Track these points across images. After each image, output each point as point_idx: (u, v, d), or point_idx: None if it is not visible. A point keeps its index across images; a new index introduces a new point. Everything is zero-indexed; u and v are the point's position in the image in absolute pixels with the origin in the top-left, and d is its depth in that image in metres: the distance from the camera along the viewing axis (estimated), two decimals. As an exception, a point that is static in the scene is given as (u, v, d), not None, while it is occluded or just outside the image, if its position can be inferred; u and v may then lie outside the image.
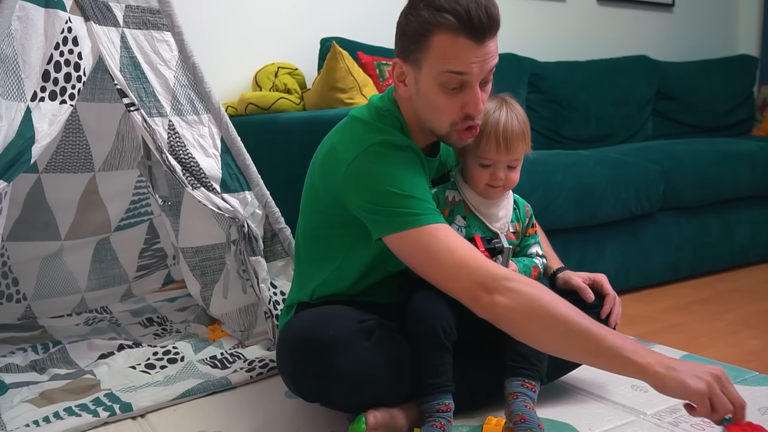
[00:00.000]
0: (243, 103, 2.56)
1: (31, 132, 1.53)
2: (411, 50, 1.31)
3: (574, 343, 1.21)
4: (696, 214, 2.73)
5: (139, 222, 2.48)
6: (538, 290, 1.23)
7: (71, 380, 1.70)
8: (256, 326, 1.95)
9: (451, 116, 1.34)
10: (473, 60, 1.28)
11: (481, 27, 1.25)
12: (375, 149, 1.34)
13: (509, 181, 1.46)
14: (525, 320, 1.23)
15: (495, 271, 1.25)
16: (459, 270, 1.26)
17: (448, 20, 1.24)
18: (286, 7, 2.87)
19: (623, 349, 1.17)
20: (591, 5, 3.77)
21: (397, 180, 1.31)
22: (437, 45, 1.27)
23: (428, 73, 1.31)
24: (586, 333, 1.19)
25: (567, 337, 1.21)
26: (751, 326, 2.11)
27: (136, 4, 1.77)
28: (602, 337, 1.18)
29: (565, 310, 1.21)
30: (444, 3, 1.25)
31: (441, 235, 1.28)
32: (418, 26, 1.28)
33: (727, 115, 3.81)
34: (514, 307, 1.22)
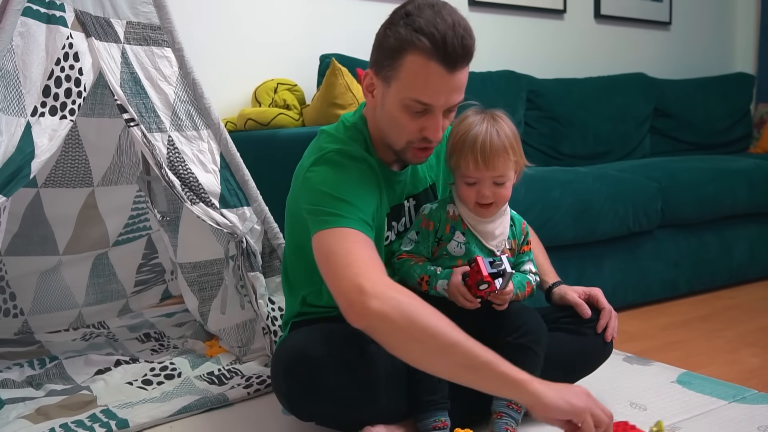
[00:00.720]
0: (242, 118, 2.57)
1: (31, 147, 1.54)
2: (384, 65, 1.33)
3: (450, 357, 1.16)
4: (694, 232, 2.73)
5: (137, 237, 2.47)
6: (415, 302, 1.18)
7: (68, 396, 1.70)
8: (254, 342, 1.94)
9: (410, 136, 1.36)
10: (441, 89, 1.29)
11: (454, 55, 1.26)
12: (329, 156, 1.37)
13: (499, 198, 1.44)
14: (398, 330, 1.17)
15: (380, 279, 1.21)
16: (346, 272, 1.21)
17: (423, 43, 1.25)
18: (285, 24, 2.89)
19: (500, 364, 1.14)
20: (589, 23, 3.80)
21: (337, 184, 1.33)
22: (408, 65, 1.28)
23: (395, 93, 1.33)
24: (462, 347, 1.14)
25: (442, 350, 1.16)
26: (750, 344, 2.10)
27: (137, 21, 1.78)
28: (477, 352, 1.14)
29: (441, 323, 1.16)
30: (423, 24, 1.26)
31: (348, 238, 1.26)
32: (394, 42, 1.29)
33: (725, 132, 3.82)
34: (387, 315, 1.16)
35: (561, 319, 1.54)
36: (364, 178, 1.37)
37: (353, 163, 1.37)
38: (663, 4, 4.06)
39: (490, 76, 3.12)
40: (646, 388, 1.71)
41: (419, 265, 1.47)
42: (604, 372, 1.76)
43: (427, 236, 1.49)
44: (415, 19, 1.27)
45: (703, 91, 3.81)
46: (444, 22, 1.26)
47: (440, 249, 1.48)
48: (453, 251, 1.47)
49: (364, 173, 1.38)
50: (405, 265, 1.48)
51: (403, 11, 1.31)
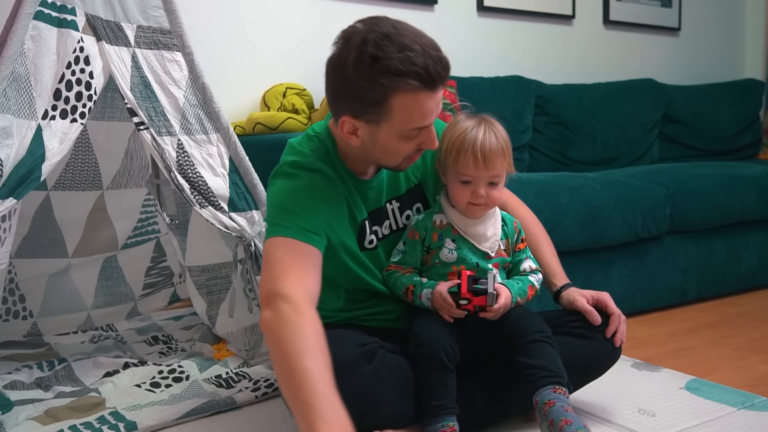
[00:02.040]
0: (251, 122, 2.57)
1: (42, 150, 1.55)
2: (368, 113, 1.32)
3: (284, 382, 1.16)
4: (703, 238, 2.72)
5: (146, 240, 2.48)
6: (298, 319, 1.19)
7: (76, 398, 1.70)
8: (262, 345, 1.94)
9: (406, 153, 1.40)
10: (433, 108, 1.33)
11: (440, 79, 1.29)
12: (284, 169, 1.44)
13: (491, 199, 1.46)
14: (271, 341, 1.20)
15: (283, 288, 1.23)
16: (266, 280, 1.28)
17: (408, 84, 1.26)
18: (294, 28, 2.90)
19: (314, 412, 1.08)
20: (598, 29, 3.80)
21: (285, 195, 1.39)
22: (399, 106, 1.30)
23: (390, 130, 1.34)
24: (298, 378, 1.12)
25: (283, 372, 1.16)
26: (758, 351, 2.09)
27: (147, 25, 1.80)
28: (307, 390, 1.10)
29: (300, 347, 1.15)
30: (400, 66, 1.25)
31: (282, 247, 1.32)
32: (378, 94, 1.28)
33: (734, 139, 3.81)
34: (270, 326, 1.21)
35: (569, 323, 1.53)
36: (316, 187, 1.40)
37: (306, 174, 1.41)
38: (672, 9, 4.05)
39: (499, 81, 3.12)
40: (655, 394, 1.71)
41: (406, 275, 1.49)
42: (612, 378, 1.76)
43: (413, 246, 1.51)
44: (387, 63, 1.25)
45: (712, 98, 3.80)
46: (415, 52, 1.26)
47: (432, 257, 1.50)
48: (445, 258, 1.48)
49: (316, 183, 1.41)
50: (392, 277, 1.51)
51: (367, 57, 1.26)
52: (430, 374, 1.36)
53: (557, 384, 1.35)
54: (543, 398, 1.34)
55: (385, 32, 1.27)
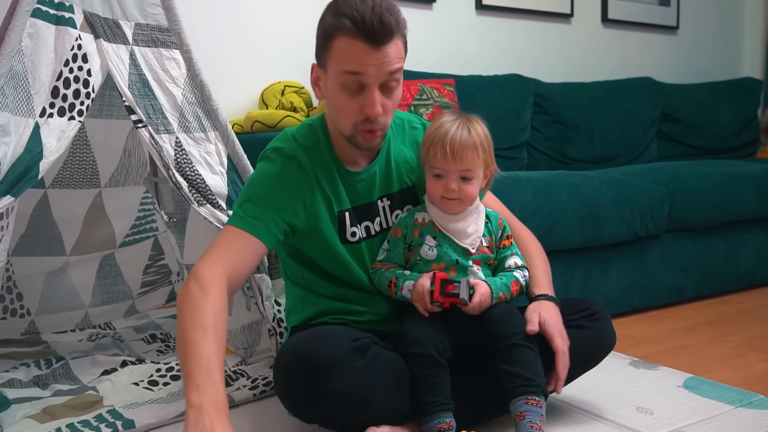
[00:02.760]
0: (249, 120, 2.57)
1: (39, 148, 1.54)
2: (320, 55, 1.43)
3: (180, 351, 1.22)
4: (701, 236, 2.72)
5: (144, 238, 2.48)
6: (200, 295, 1.27)
7: (74, 396, 1.70)
8: (260, 344, 1.94)
9: (353, 117, 1.42)
10: (369, 62, 1.36)
11: (374, 31, 1.33)
12: (267, 153, 1.51)
13: (464, 194, 1.47)
14: (178, 311, 1.28)
15: (200, 268, 1.32)
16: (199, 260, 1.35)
17: (345, 24, 1.34)
18: (293, 26, 2.90)
19: (191, 379, 1.16)
20: (596, 27, 3.80)
21: (254, 182, 1.47)
22: (337, 47, 1.37)
23: (331, 74, 1.41)
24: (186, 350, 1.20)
25: (179, 343, 1.23)
26: (757, 349, 2.09)
27: (145, 23, 1.79)
28: (190, 359, 1.19)
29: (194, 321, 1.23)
30: (345, 8, 1.35)
31: (226, 232, 1.41)
32: (324, 30, 1.40)
33: (732, 137, 3.81)
34: (178, 300, 1.29)
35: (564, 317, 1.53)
36: (286, 176, 1.46)
37: (281, 160, 1.47)
38: (670, 8, 4.05)
39: (497, 79, 3.12)
40: (653, 392, 1.71)
41: (390, 270, 1.51)
42: (610, 376, 1.76)
43: (396, 243, 1.53)
44: (341, 6, 1.36)
45: (710, 96, 3.80)
46: (364, 4, 1.34)
47: (413, 255, 1.51)
48: (425, 255, 1.49)
49: (288, 171, 1.46)
50: (378, 273, 1.52)
51: (332, 2, 1.40)
52: (422, 371, 1.37)
53: (531, 394, 1.35)
54: (516, 409, 1.35)
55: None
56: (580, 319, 1.53)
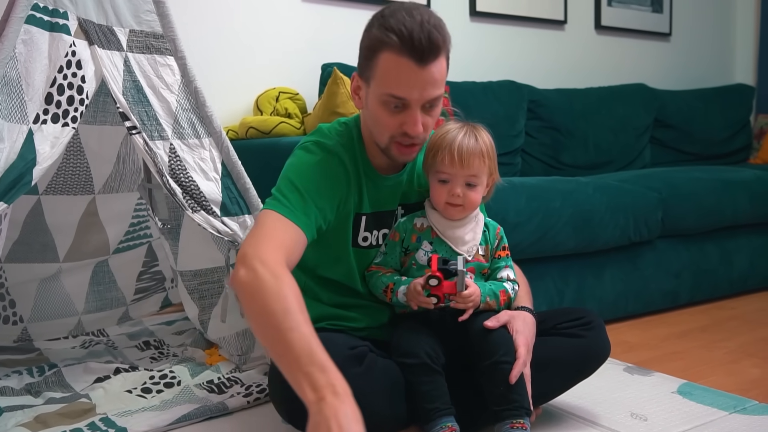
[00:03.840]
0: (244, 127, 2.57)
1: (33, 154, 1.54)
2: (363, 66, 1.41)
3: (269, 340, 1.16)
4: (695, 242, 2.73)
5: (138, 245, 2.47)
6: (273, 280, 1.19)
7: (66, 404, 1.69)
8: (254, 350, 1.94)
9: (391, 131, 1.41)
10: (413, 83, 1.34)
11: (421, 48, 1.32)
12: (306, 144, 1.47)
13: (468, 201, 1.48)
14: (246, 299, 1.21)
15: (262, 251, 1.24)
16: (246, 243, 1.29)
17: (392, 40, 1.32)
18: (287, 33, 2.90)
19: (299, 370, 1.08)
20: (590, 34, 3.81)
21: (298, 170, 1.42)
22: (382, 63, 1.35)
23: (374, 91, 1.39)
24: (281, 335, 1.12)
25: (265, 331, 1.16)
26: (750, 354, 2.10)
27: (139, 29, 1.79)
28: (290, 347, 1.10)
29: (279, 305, 1.15)
30: (392, 23, 1.33)
31: (273, 218, 1.34)
32: (369, 43, 1.38)
33: (725, 143, 3.83)
34: (245, 284, 1.20)
35: (558, 324, 1.54)
36: (328, 169, 1.43)
37: (324, 154, 1.45)
38: (663, 15, 4.07)
39: (491, 86, 3.13)
40: (647, 398, 1.71)
41: (386, 275, 1.51)
42: (604, 382, 1.76)
43: (394, 247, 1.53)
44: (388, 19, 1.34)
45: (703, 102, 3.82)
46: (413, 19, 1.32)
47: (409, 259, 1.51)
48: (420, 260, 1.50)
49: (330, 165, 1.44)
50: (373, 277, 1.53)
51: (379, 14, 1.38)
52: (418, 379, 1.37)
53: (516, 417, 1.34)
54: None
55: (409, 6, 1.36)
56: (574, 327, 1.53)
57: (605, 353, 1.55)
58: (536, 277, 2.28)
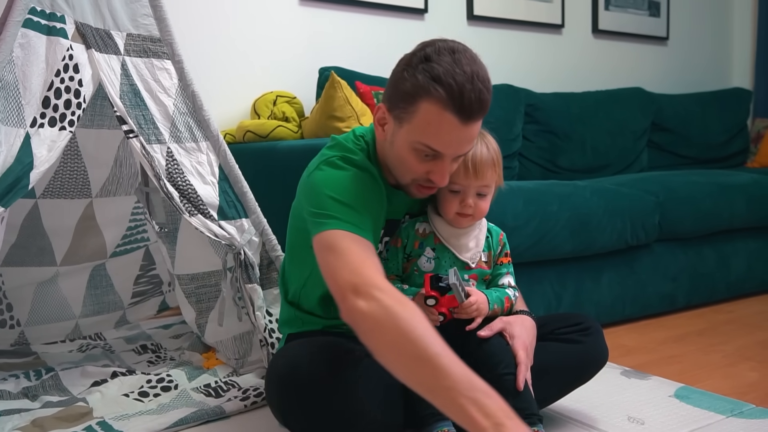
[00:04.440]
0: (241, 130, 2.57)
1: (30, 158, 1.54)
2: (398, 106, 1.32)
3: (415, 369, 1.10)
4: (692, 246, 2.73)
5: (135, 248, 2.47)
6: (401, 306, 1.14)
7: (63, 408, 1.69)
8: (251, 354, 1.94)
9: (415, 175, 1.37)
10: (453, 139, 1.30)
11: (470, 109, 1.26)
12: (332, 161, 1.39)
13: (478, 210, 1.47)
14: (375, 331, 1.15)
15: (372, 278, 1.19)
16: (342, 271, 1.22)
17: (439, 93, 1.25)
18: (285, 37, 2.90)
19: (462, 395, 1.04)
20: (587, 38, 3.82)
21: (338, 187, 1.34)
22: (423, 113, 1.28)
23: (406, 135, 1.32)
24: (431, 362, 1.07)
25: (410, 360, 1.11)
26: (747, 358, 2.10)
27: (137, 33, 1.79)
28: (445, 372, 1.06)
29: (418, 332, 1.10)
30: (441, 73, 1.25)
31: (347, 239, 1.27)
32: (411, 88, 1.28)
33: (722, 147, 3.84)
34: (369, 315, 1.15)
35: (556, 330, 1.54)
36: (366, 185, 1.37)
37: (356, 171, 1.38)
38: (660, 19, 4.08)
39: (489, 89, 3.13)
40: (644, 402, 1.71)
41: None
42: (601, 386, 1.76)
43: (396, 253, 1.52)
44: (434, 66, 1.26)
45: (700, 106, 3.83)
46: (463, 72, 1.25)
47: (411, 265, 1.51)
48: (423, 266, 1.49)
49: (366, 181, 1.38)
50: None
51: (422, 54, 1.29)
52: None
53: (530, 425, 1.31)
54: None
55: (452, 47, 1.29)
56: (572, 333, 1.53)
57: (603, 359, 1.55)
58: (534, 280, 2.28)
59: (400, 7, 3.12)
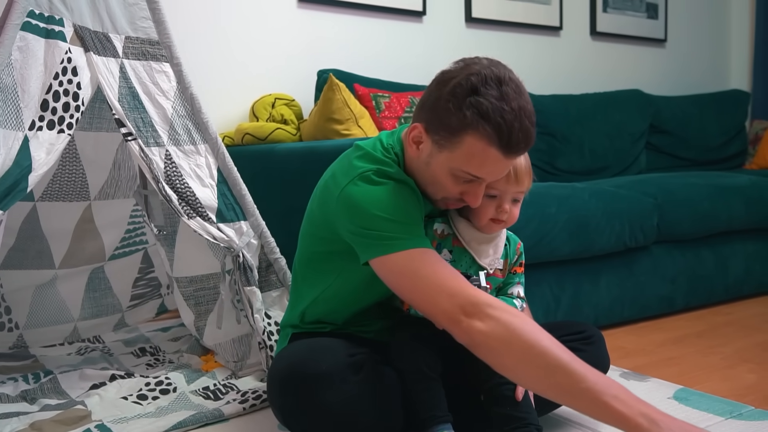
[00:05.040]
0: (240, 133, 2.57)
1: (29, 161, 1.54)
2: (439, 134, 1.30)
3: (550, 378, 1.15)
4: (690, 247, 2.74)
5: (133, 251, 2.47)
6: (518, 319, 1.19)
7: (62, 411, 1.68)
8: (250, 357, 1.94)
9: (448, 194, 1.37)
10: (495, 170, 1.31)
11: (517, 146, 1.26)
12: (368, 176, 1.34)
13: (512, 216, 1.45)
14: (502, 349, 1.19)
15: (477, 296, 1.22)
16: (440, 294, 1.24)
17: (487, 131, 1.24)
18: (283, 39, 2.91)
19: (603, 393, 1.12)
20: (585, 40, 3.83)
21: (385, 205, 1.31)
22: (467, 146, 1.27)
23: (446, 161, 1.31)
24: (565, 369, 1.14)
25: (543, 371, 1.16)
26: (746, 360, 2.10)
27: (135, 36, 1.79)
28: (581, 376, 1.13)
29: (544, 342, 1.17)
30: (490, 111, 1.23)
31: (425, 258, 1.28)
32: (457, 122, 1.26)
33: (720, 149, 3.84)
34: (492, 334, 1.18)
35: (558, 338, 1.53)
36: (406, 195, 1.35)
37: (394, 184, 1.35)
38: (658, 21, 4.09)
39: (487, 92, 3.13)
40: (643, 404, 1.71)
41: None
42: (600, 388, 1.75)
43: None
44: (482, 101, 1.24)
45: (698, 108, 3.84)
46: (511, 110, 1.24)
47: None
48: None
49: (406, 192, 1.36)
50: None
51: (468, 85, 1.26)
52: (415, 387, 1.36)
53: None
54: None
55: (499, 76, 1.27)
56: (575, 341, 1.52)
57: (604, 368, 1.55)
58: (532, 283, 2.28)
59: (399, 10, 3.13)
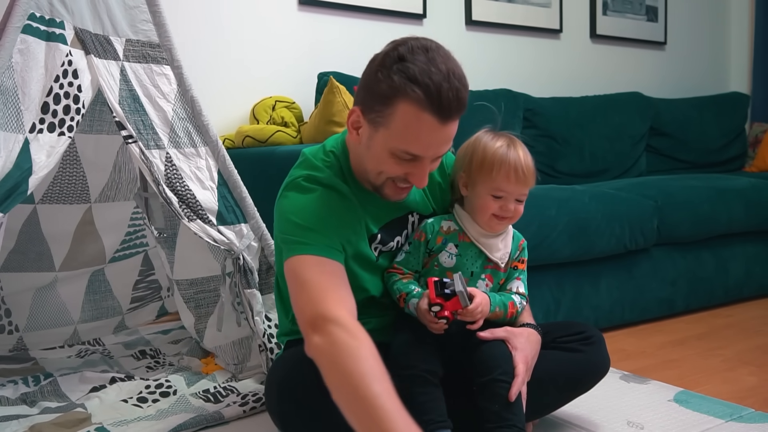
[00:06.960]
0: (240, 135, 2.57)
1: (29, 163, 1.54)
2: (373, 109, 1.30)
3: (353, 410, 1.11)
4: (690, 250, 2.73)
5: (134, 253, 2.47)
6: (355, 343, 1.15)
7: (62, 414, 1.68)
8: (250, 359, 1.94)
9: (392, 175, 1.36)
10: (432, 141, 1.28)
11: (449, 108, 1.24)
12: (297, 182, 1.39)
13: (517, 215, 1.48)
14: (328, 368, 1.16)
15: (329, 312, 1.19)
16: (307, 302, 1.24)
17: (417, 93, 1.22)
18: (284, 42, 2.91)
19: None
20: (585, 43, 3.83)
21: (302, 211, 1.34)
22: (401, 116, 1.26)
23: (384, 140, 1.30)
24: (369, 405, 1.07)
25: (349, 400, 1.11)
26: (746, 362, 2.10)
27: (136, 38, 1.80)
28: (381, 418, 1.05)
29: (364, 373, 1.10)
30: (417, 73, 1.22)
31: (314, 265, 1.28)
32: (387, 89, 1.25)
33: (720, 151, 3.84)
34: (323, 352, 1.17)
35: (558, 338, 1.54)
36: (330, 203, 1.37)
37: (321, 189, 1.37)
38: (658, 24, 4.09)
39: (487, 94, 3.14)
40: (643, 406, 1.71)
41: (402, 282, 1.49)
42: (600, 390, 1.76)
43: (418, 247, 1.51)
44: (409, 66, 1.23)
45: (698, 111, 3.84)
46: (439, 71, 1.23)
47: (432, 260, 1.50)
48: (444, 262, 1.49)
49: (331, 199, 1.37)
50: (390, 280, 1.51)
51: (396, 54, 1.26)
52: (414, 391, 1.36)
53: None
54: None
55: (425, 45, 1.26)
56: (574, 342, 1.52)
57: (605, 369, 1.55)
58: (532, 285, 2.27)
59: (399, 13, 3.13)
